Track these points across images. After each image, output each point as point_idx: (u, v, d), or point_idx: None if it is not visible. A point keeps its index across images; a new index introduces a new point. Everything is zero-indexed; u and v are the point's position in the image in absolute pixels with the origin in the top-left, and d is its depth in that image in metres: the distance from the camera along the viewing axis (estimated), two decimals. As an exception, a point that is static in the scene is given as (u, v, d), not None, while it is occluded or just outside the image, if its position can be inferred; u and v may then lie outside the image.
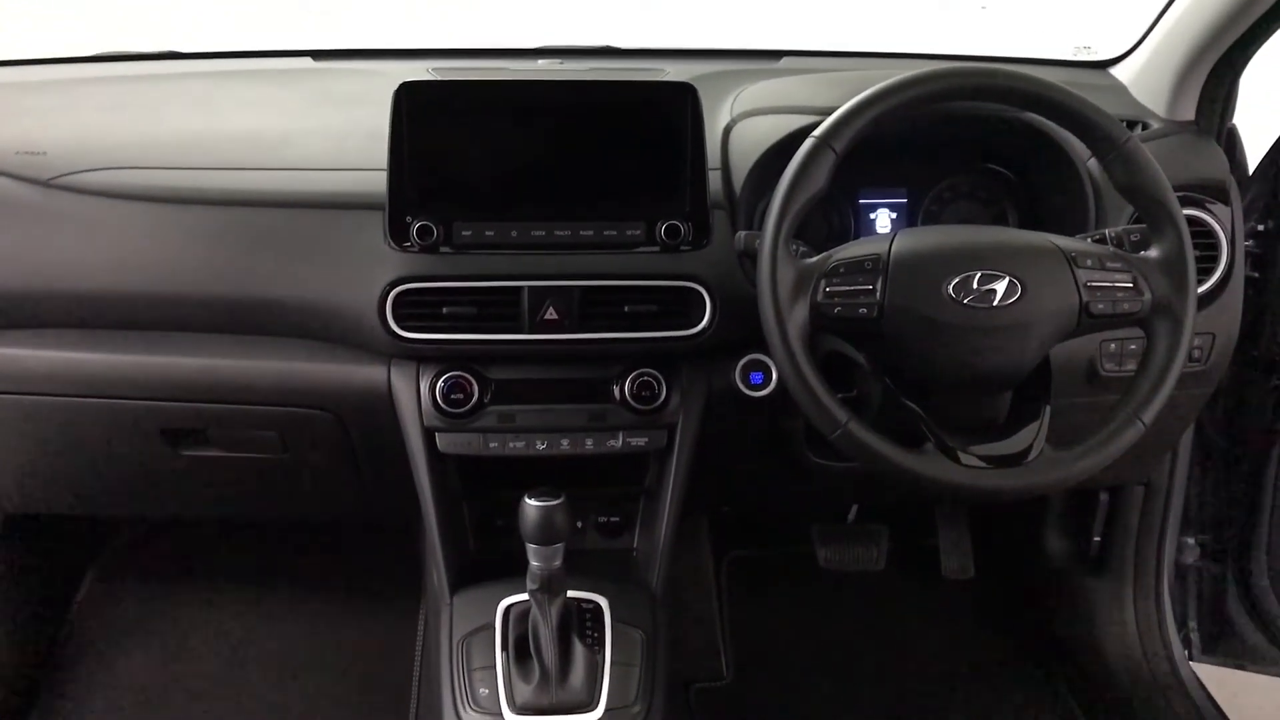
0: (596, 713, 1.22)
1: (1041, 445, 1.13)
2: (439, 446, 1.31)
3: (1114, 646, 1.80)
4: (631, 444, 1.33)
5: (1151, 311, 1.12)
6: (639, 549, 1.47)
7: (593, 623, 1.29)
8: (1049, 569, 1.93)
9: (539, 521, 1.15)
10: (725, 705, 1.82)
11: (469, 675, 1.25)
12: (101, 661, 1.82)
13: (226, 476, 1.48)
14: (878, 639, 1.99)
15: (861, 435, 1.09)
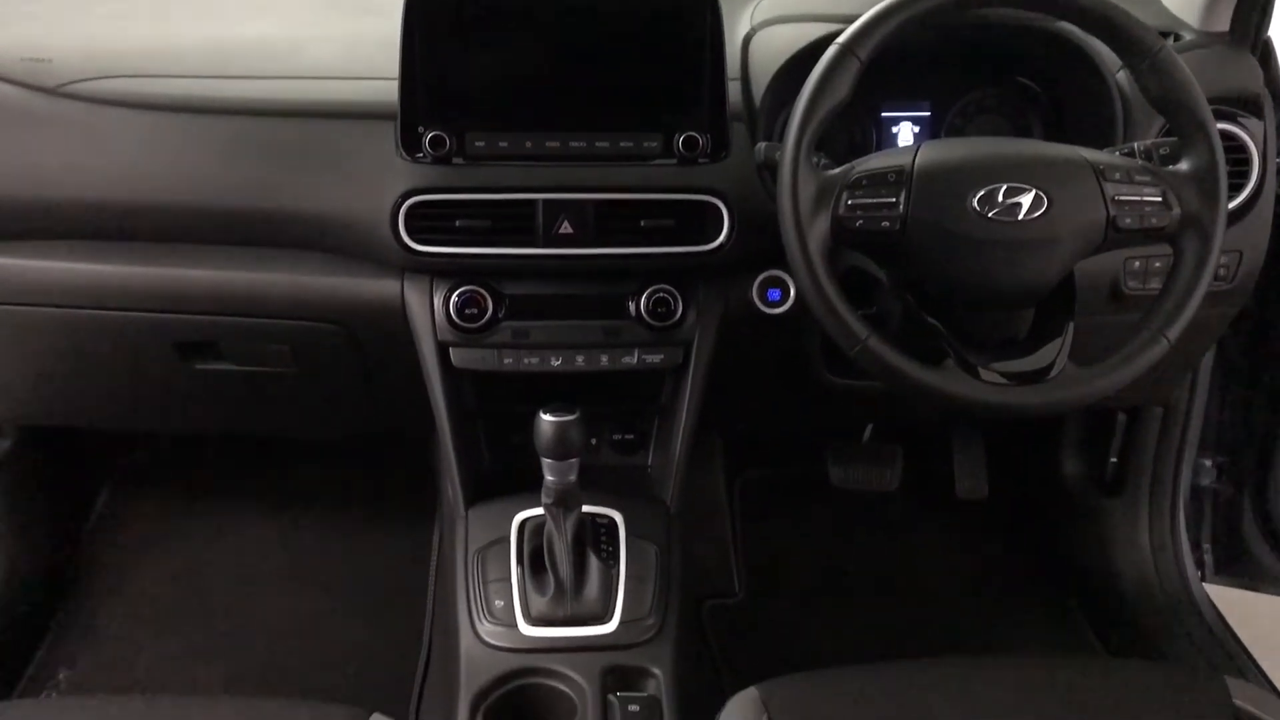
0: (611, 625, 1.22)
1: (1064, 362, 1.11)
2: (453, 362, 1.30)
3: (1127, 567, 1.80)
4: (647, 361, 1.32)
5: (1180, 227, 1.10)
6: (653, 466, 1.47)
7: (607, 537, 1.30)
8: (1064, 491, 1.93)
9: (554, 436, 1.14)
10: (737, 621, 1.84)
11: (484, 587, 1.25)
12: (116, 576, 1.84)
13: (239, 391, 1.48)
14: (889, 558, 1.99)
15: (881, 351, 1.08)
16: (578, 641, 1.21)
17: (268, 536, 1.92)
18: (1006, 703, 1.07)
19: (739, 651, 1.76)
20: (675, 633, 1.25)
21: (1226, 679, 1.08)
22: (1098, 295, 1.36)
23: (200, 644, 1.74)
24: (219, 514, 1.95)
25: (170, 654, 1.73)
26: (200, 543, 1.90)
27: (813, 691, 1.08)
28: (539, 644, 1.21)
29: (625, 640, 1.22)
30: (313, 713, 1.04)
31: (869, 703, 1.06)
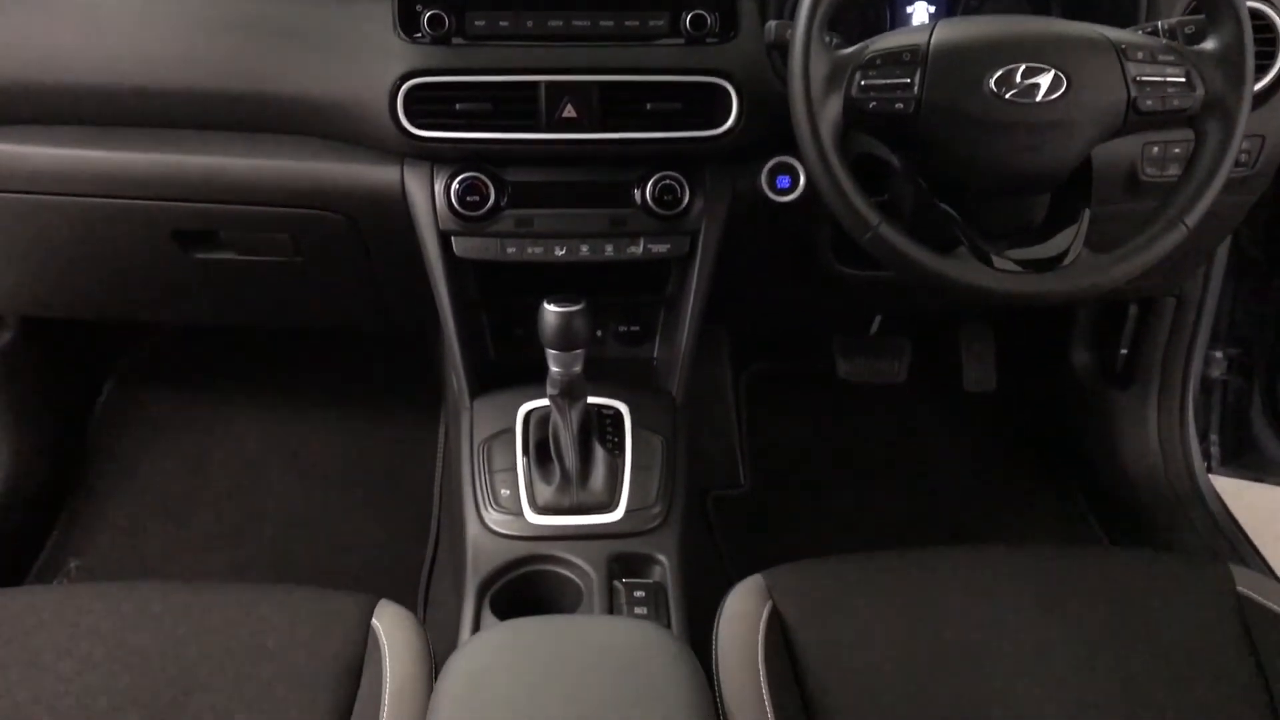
0: (616, 514, 1.23)
1: (1079, 249, 1.09)
2: (455, 251, 1.28)
3: (1134, 459, 1.80)
4: (653, 251, 1.29)
5: (1203, 109, 1.06)
6: (659, 358, 1.46)
7: (613, 428, 1.29)
8: (1073, 383, 1.92)
9: (559, 327, 1.13)
10: (742, 512, 1.85)
11: (490, 477, 1.26)
12: (123, 467, 1.85)
13: (240, 281, 1.46)
14: (895, 450, 2.00)
15: (893, 238, 1.05)
16: (584, 530, 1.22)
17: (273, 429, 1.93)
18: (1010, 589, 1.07)
19: (743, 542, 1.78)
20: (680, 522, 1.25)
21: (1231, 566, 1.09)
22: (1114, 182, 1.33)
23: (208, 533, 1.76)
24: (224, 406, 1.95)
25: (178, 543, 1.75)
26: (206, 434, 1.91)
27: (817, 578, 1.08)
28: (545, 532, 1.22)
29: (631, 529, 1.22)
30: (321, 599, 1.05)
31: (872, 589, 1.07)
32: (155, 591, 1.05)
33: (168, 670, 0.98)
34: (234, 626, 1.02)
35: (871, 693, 0.99)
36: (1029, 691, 0.99)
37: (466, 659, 0.80)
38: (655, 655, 0.79)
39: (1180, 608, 1.05)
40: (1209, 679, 1.00)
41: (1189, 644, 1.02)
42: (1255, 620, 1.03)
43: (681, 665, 0.78)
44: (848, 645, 1.02)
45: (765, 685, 0.96)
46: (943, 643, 1.02)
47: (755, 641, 0.99)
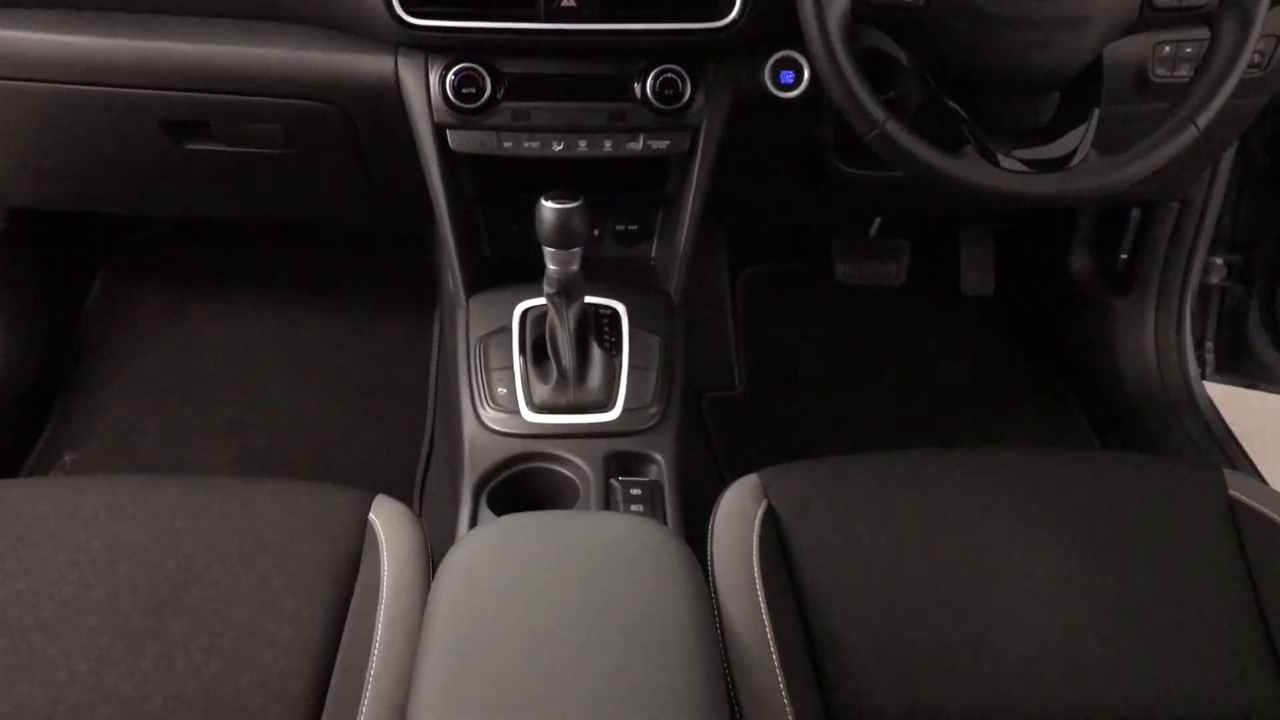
0: (613, 413, 1.23)
1: (1087, 150, 1.07)
2: (450, 145, 1.25)
3: (1129, 364, 1.80)
4: (652, 147, 1.27)
5: (1220, 6, 1.03)
6: (657, 258, 1.44)
7: (610, 327, 1.29)
8: (1071, 288, 1.91)
9: (556, 224, 1.11)
10: (737, 414, 1.85)
11: (487, 375, 1.25)
12: (116, 360, 1.84)
13: (231, 173, 1.43)
14: (892, 354, 2.00)
15: (899, 136, 1.03)
16: (581, 428, 1.22)
17: (267, 325, 1.92)
18: (1002, 491, 1.08)
19: (738, 443, 1.79)
20: (677, 422, 1.26)
21: (1223, 470, 1.10)
22: (1124, 82, 1.30)
23: (202, 428, 1.76)
24: (217, 302, 1.94)
25: (173, 437, 1.75)
26: (199, 329, 1.90)
27: (811, 478, 1.09)
28: (542, 430, 1.22)
29: (628, 428, 1.22)
30: (318, 493, 1.05)
31: (866, 489, 1.08)
32: (151, 484, 1.05)
33: (165, 562, 0.99)
34: (231, 519, 1.02)
35: (863, 590, 1.00)
36: (1019, 591, 1.00)
37: (465, 553, 0.80)
38: (652, 550, 0.79)
39: (1172, 510, 1.06)
40: (1198, 580, 1.02)
41: (1180, 546, 1.04)
42: (1246, 523, 1.05)
43: (678, 560, 0.79)
44: (841, 544, 1.03)
45: (759, 581, 0.97)
46: (934, 543, 1.03)
47: (750, 539, 1.00)
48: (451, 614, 0.75)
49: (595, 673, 0.69)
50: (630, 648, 0.70)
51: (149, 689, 0.91)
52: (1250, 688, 0.97)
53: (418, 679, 0.71)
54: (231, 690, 0.91)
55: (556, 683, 0.69)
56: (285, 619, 0.96)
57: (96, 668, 0.92)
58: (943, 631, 0.98)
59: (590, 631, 0.71)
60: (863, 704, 0.95)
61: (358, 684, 0.90)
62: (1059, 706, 0.95)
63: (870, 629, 0.98)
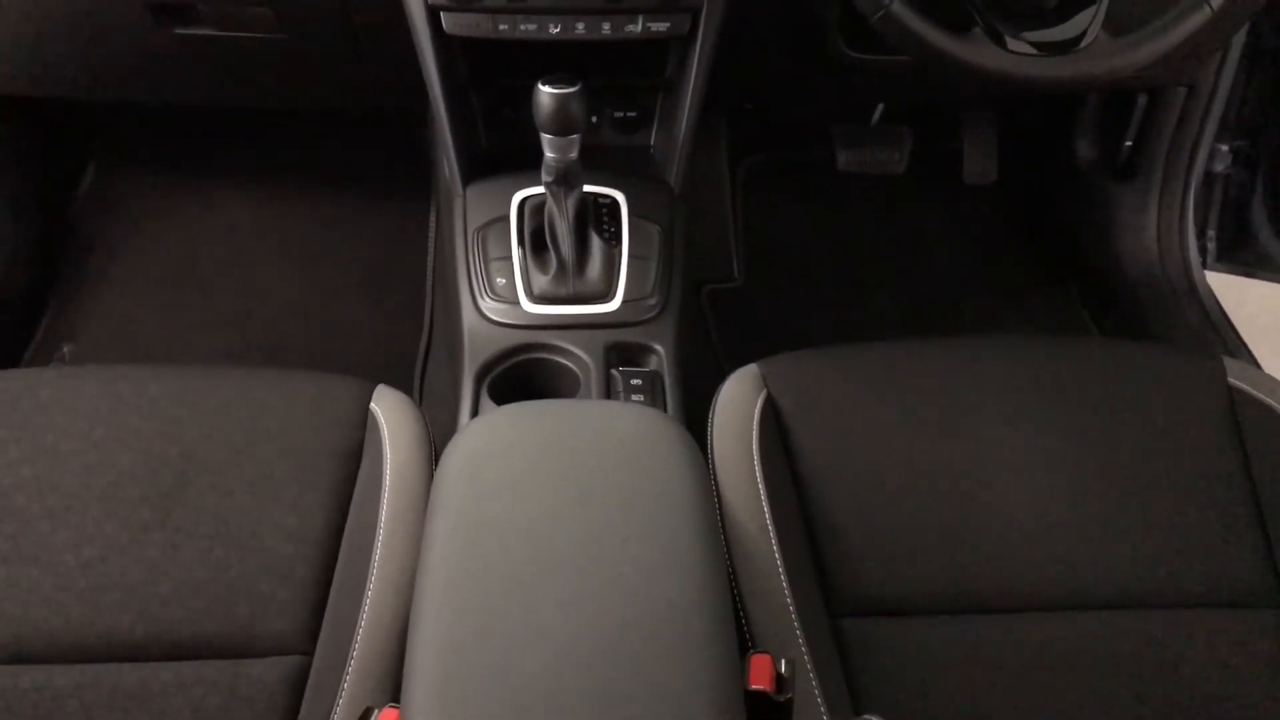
0: (614, 303, 1.22)
1: (1096, 31, 1.05)
2: (444, 27, 1.22)
3: (1130, 252, 1.79)
4: (652, 29, 1.23)
5: None
6: (656, 146, 1.42)
7: (609, 217, 1.27)
8: (1075, 175, 1.89)
9: (554, 109, 1.08)
10: (736, 305, 1.85)
11: (485, 265, 1.24)
12: (110, 251, 1.83)
13: (222, 58, 1.40)
14: (893, 242, 1.98)
15: (905, 17, 1.01)
16: (581, 319, 1.21)
17: (262, 214, 1.90)
18: (1002, 378, 1.08)
19: (738, 335, 1.78)
20: (677, 312, 1.25)
21: (1224, 358, 1.10)
22: None
23: (200, 319, 1.76)
24: (211, 191, 1.91)
25: (171, 328, 1.74)
26: (194, 219, 1.88)
27: (811, 368, 1.09)
28: (542, 321, 1.21)
29: (628, 318, 1.22)
30: (320, 382, 1.06)
31: (865, 378, 1.08)
32: (151, 374, 1.05)
33: (168, 450, 0.99)
34: (233, 408, 1.02)
35: (861, 478, 1.01)
36: (1017, 477, 1.01)
37: (467, 441, 0.81)
38: (654, 437, 0.79)
39: (1172, 397, 1.07)
40: (1195, 467, 1.03)
41: (1179, 432, 1.04)
42: (1244, 410, 1.05)
43: (680, 446, 0.79)
44: (840, 432, 1.04)
45: (759, 469, 0.98)
46: (932, 430, 1.04)
47: (750, 427, 1.01)
48: (455, 501, 0.76)
49: (599, 557, 0.70)
50: (634, 533, 0.71)
51: (156, 575, 0.92)
52: (1242, 574, 0.99)
53: (423, 565, 0.72)
54: (238, 576, 0.93)
55: (560, 567, 0.69)
56: (289, 506, 0.97)
57: (104, 554, 0.93)
58: (939, 518, 0.99)
59: (593, 517, 0.72)
60: (860, 589, 0.96)
61: (363, 570, 0.91)
62: (1053, 589, 0.97)
63: (868, 516, 0.99)
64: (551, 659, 0.64)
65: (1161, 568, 0.98)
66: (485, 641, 0.65)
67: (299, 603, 0.92)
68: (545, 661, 0.64)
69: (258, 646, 0.90)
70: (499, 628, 0.66)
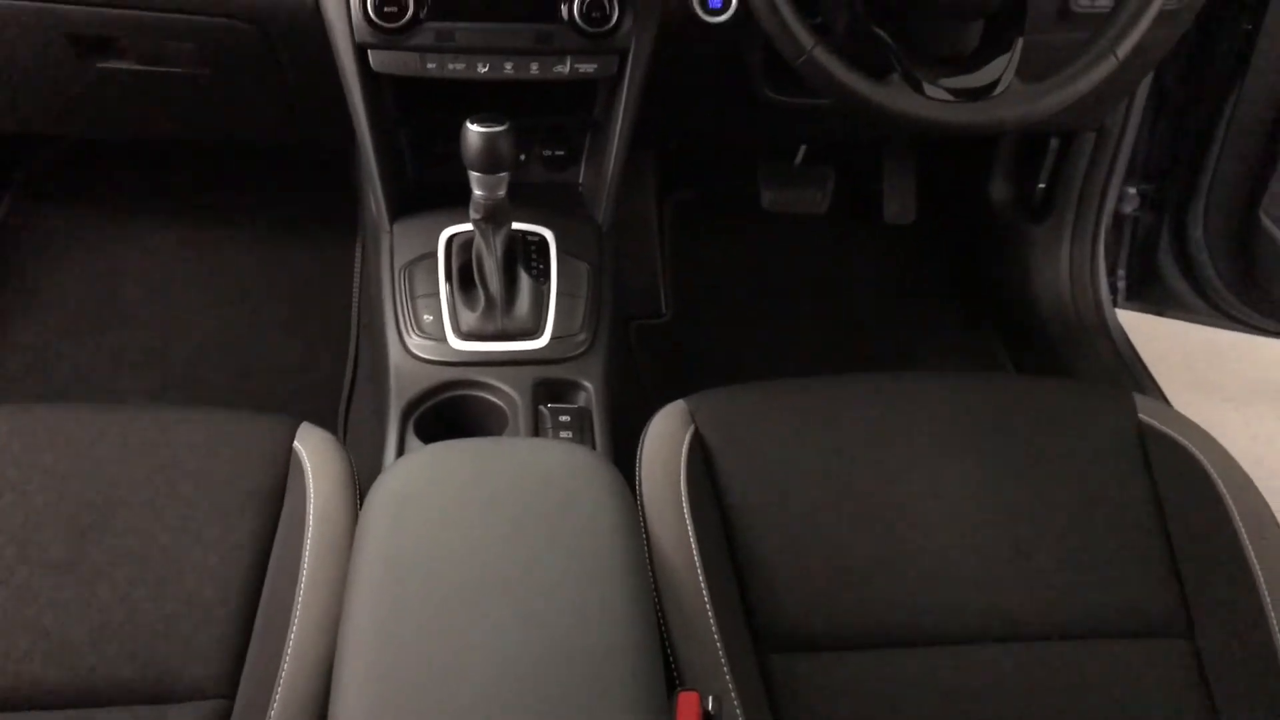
0: (542, 340, 1.23)
1: (1010, 79, 1.08)
2: (372, 65, 1.22)
3: (1044, 290, 1.85)
4: (580, 70, 1.25)
5: None
6: (585, 183, 1.43)
7: (538, 254, 1.28)
8: (990, 215, 1.95)
9: (483, 148, 1.09)
10: (664, 340, 1.86)
11: (412, 302, 1.24)
12: (27, 284, 1.78)
13: (145, 93, 1.38)
14: (816, 278, 2.02)
15: (826, 62, 1.04)
16: (509, 356, 1.22)
17: (184, 248, 1.87)
18: (921, 414, 1.11)
19: (666, 370, 1.80)
20: (606, 348, 1.26)
21: (1134, 395, 1.13)
22: (1047, 11, 1.31)
23: (119, 354, 1.72)
24: (133, 222, 1.87)
25: (89, 364, 1.70)
26: (113, 252, 1.84)
27: (737, 403, 1.10)
28: (470, 358, 1.21)
29: (556, 355, 1.23)
30: (242, 421, 1.04)
31: (789, 413, 1.10)
32: (68, 412, 1.03)
33: (86, 490, 0.97)
34: (153, 447, 1.00)
35: (787, 514, 1.02)
36: (937, 512, 1.04)
37: (393, 481, 0.80)
38: (582, 474, 0.80)
39: (1084, 433, 1.10)
40: (1108, 501, 1.06)
41: (1091, 467, 1.07)
42: (1153, 444, 1.09)
43: (608, 484, 0.80)
44: (765, 467, 1.05)
45: (687, 505, 0.98)
46: (855, 467, 1.06)
47: (678, 463, 1.02)
48: (379, 543, 0.75)
49: (526, 597, 0.70)
50: (561, 572, 0.71)
51: (71, 618, 0.90)
52: (1154, 605, 1.02)
53: (347, 607, 0.71)
54: (157, 618, 0.91)
55: (487, 608, 0.69)
56: (210, 546, 0.95)
57: (15, 598, 0.90)
58: (862, 553, 1.01)
59: (520, 556, 0.72)
60: (786, 625, 0.97)
61: (285, 612, 0.90)
62: (975, 621, 0.99)
63: (794, 552, 1.00)
64: (477, 700, 0.64)
65: (1078, 599, 1.01)
66: (410, 683, 0.65)
67: (220, 645, 0.90)
68: (470, 703, 0.64)
69: (177, 691, 0.88)
70: (424, 669, 0.65)
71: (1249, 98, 1.59)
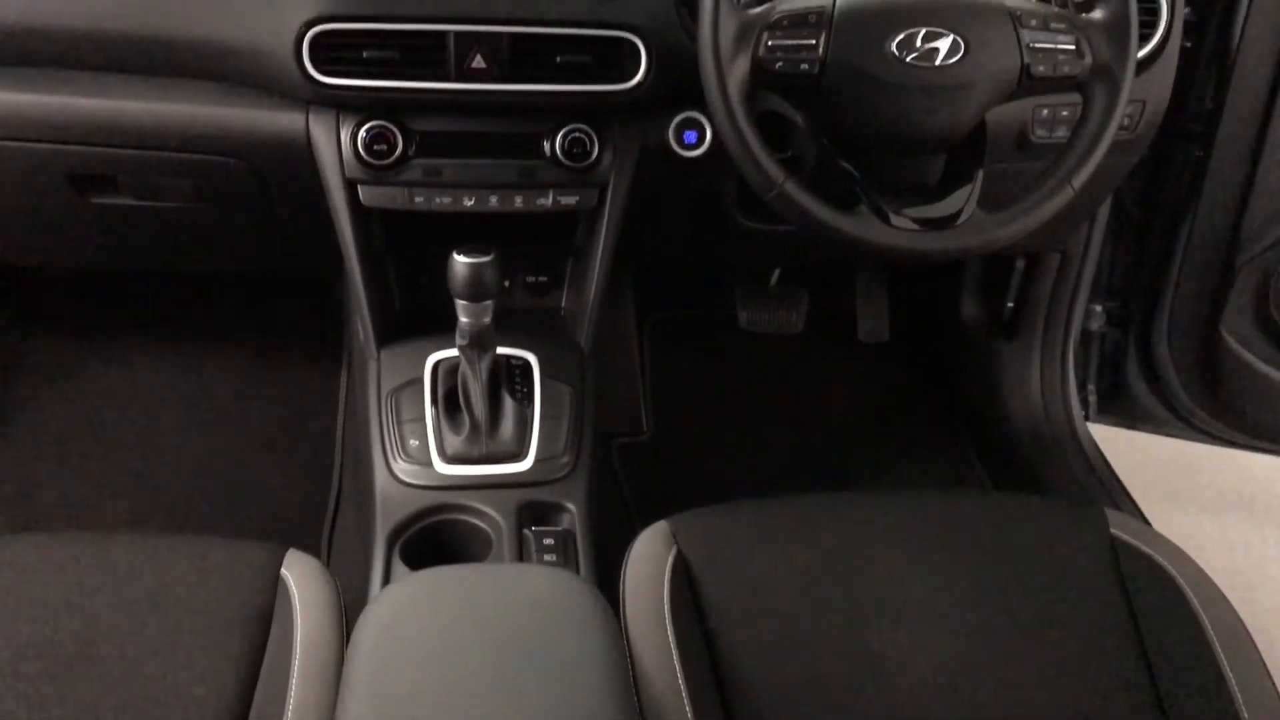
0: (526, 463, 1.25)
1: (972, 209, 1.13)
2: (362, 200, 1.27)
3: (1017, 406, 1.89)
4: (562, 202, 1.30)
5: (1091, 75, 1.11)
6: (567, 308, 1.47)
7: (522, 378, 1.31)
8: (962, 333, 2.00)
9: (469, 278, 1.13)
10: (646, 458, 1.89)
11: (399, 427, 1.26)
12: (12, 413, 1.80)
13: (139, 226, 1.42)
14: (792, 397, 2.05)
15: (796, 196, 1.08)
16: (493, 479, 1.24)
17: (171, 374, 1.89)
18: (899, 533, 1.13)
19: (648, 487, 1.81)
20: (588, 470, 1.28)
21: (1105, 510, 1.16)
22: (1007, 142, 1.38)
23: (104, 481, 1.72)
24: (119, 348, 1.90)
25: (73, 492, 1.71)
26: (100, 379, 1.86)
27: (718, 524, 1.12)
28: (455, 481, 1.23)
29: (540, 477, 1.25)
30: (228, 549, 1.05)
31: (770, 534, 1.11)
32: (54, 541, 1.04)
33: (71, 620, 0.97)
34: (139, 576, 1.01)
35: (770, 634, 1.03)
36: (916, 629, 1.05)
37: (380, 611, 0.82)
38: (566, 602, 0.81)
39: (1058, 550, 1.12)
40: (1083, 616, 1.07)
41: (1066, 585, 1.09)
42: (1127, 562, 1.11)
43: (592, 610, 0.81)
44: (748, 588, 1.06)
45: (670, 627, 0.99)
46: (835, 585, 1.07)
47: (661, 586, 1.03)
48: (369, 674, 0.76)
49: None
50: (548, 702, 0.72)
51: None
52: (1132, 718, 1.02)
53: None
54: None
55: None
56: (197, 677, 0.95)
57: None
58: (845, 671, 1.02)
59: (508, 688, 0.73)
60: None
61: None
62: None
63: (778, 672, 1.01)
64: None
65: (1055, 714, 1.01)
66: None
67: None
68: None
69: None
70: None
71: (1204, 219, 1.66)
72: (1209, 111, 1.59)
